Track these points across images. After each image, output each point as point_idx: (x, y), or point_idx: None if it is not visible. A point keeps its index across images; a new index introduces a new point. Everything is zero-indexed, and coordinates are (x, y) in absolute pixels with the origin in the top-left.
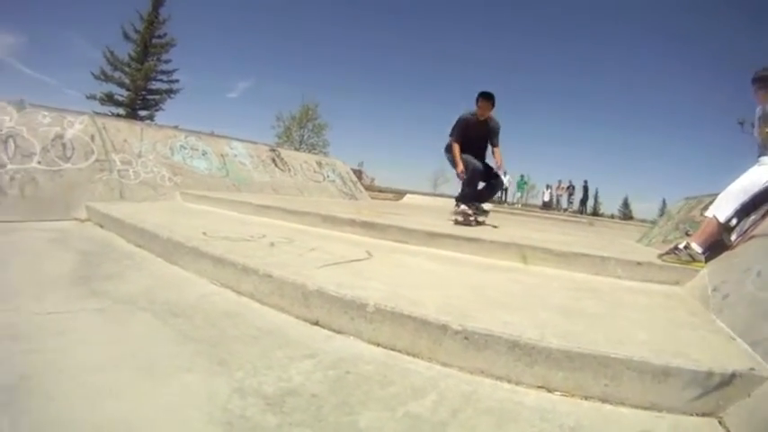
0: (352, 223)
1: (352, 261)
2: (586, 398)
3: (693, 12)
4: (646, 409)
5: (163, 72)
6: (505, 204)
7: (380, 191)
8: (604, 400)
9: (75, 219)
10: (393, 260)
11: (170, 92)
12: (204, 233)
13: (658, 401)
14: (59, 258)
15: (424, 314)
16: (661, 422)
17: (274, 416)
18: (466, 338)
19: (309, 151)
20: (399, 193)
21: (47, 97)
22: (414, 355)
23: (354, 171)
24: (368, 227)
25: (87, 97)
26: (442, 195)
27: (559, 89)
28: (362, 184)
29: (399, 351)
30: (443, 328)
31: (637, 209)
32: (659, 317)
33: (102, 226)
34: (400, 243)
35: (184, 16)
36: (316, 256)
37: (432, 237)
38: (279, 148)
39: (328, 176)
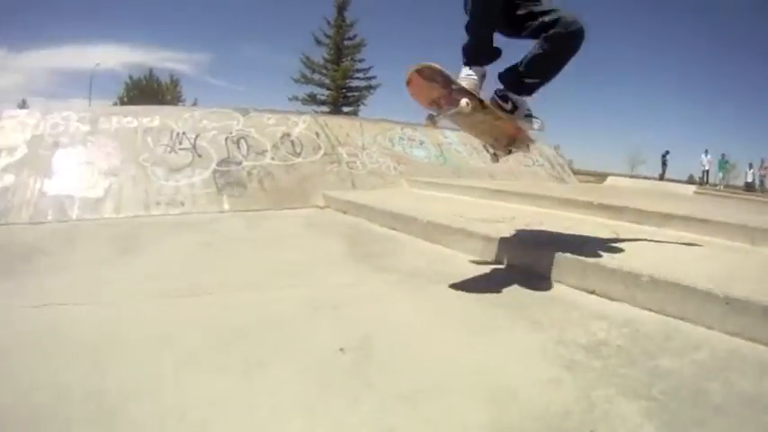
0: (588, 206)
1: (607, 239)
2: None
3: None
4: None
5: (359, 70)
6: (707, 186)
7: (577, 173)
8: None
9: (315, 206)
10: (636, 238)
11: (369, 88)
12: (458, 216)
13: None
14: (325, 240)
15: (693, 282)
16: None
17: (598, 360)
18: (727, 304)
19: None
20: (599, 175)
21: (241, 102)
22: (681, 319)
23: None
24: (604, 209)
25: (289, 99)
26: (638, 176)
27: None
28: None
29: (669, 315)
30: (708, 294)
31: None
32: None
33: (344, 212)
34: (636, 224)
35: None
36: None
37: (665, 218)
38: None
39: (537, 161)
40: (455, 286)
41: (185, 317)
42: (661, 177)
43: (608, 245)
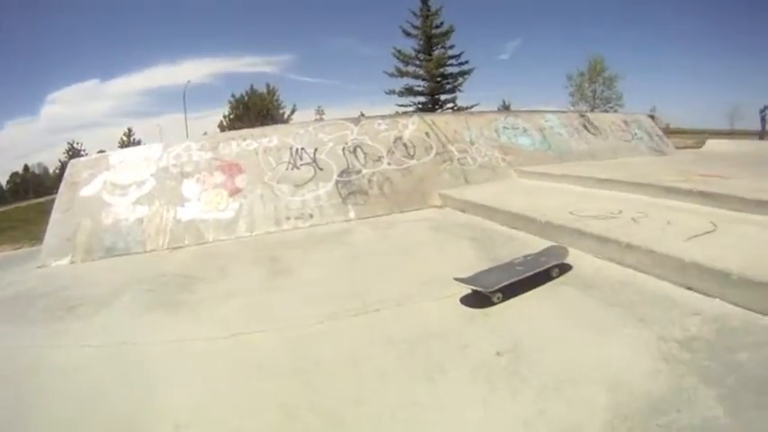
0: (689, 193)
1: (705, 233)
2: None
3: None
4: None
5: (451, 57)
6: None
7: (673, 132)
8: None
9: (433, 206)
10: (734, 230)
11: (463, 74)
12: (571, 213)
13: None
14: (454, 244)
15: None
16: None
17: (688, 353)
18: None
19: (605, 105)
20: (697, 135)
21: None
22: (765, 314)
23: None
24: (705, 197)
25: (387, 93)
26: (738, 133)
27: None
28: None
29: (753, 310)
30: None
31: None
32: None
33: (463, 210)
34: (737, 212)
35: None
36: (675, 230)
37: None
38: (587, 113)
39: (636, 134)
40: (576, 286)
41: (364, 334)
42: (761, 136)
43: (702, 239)
